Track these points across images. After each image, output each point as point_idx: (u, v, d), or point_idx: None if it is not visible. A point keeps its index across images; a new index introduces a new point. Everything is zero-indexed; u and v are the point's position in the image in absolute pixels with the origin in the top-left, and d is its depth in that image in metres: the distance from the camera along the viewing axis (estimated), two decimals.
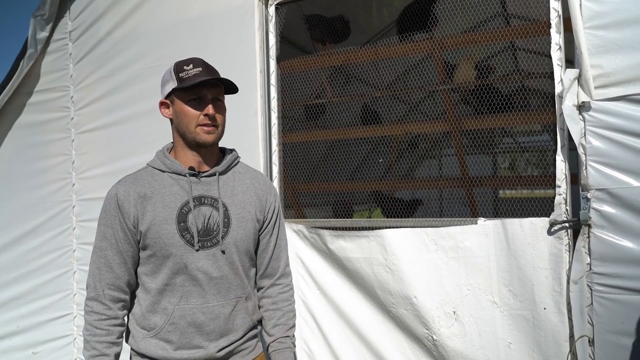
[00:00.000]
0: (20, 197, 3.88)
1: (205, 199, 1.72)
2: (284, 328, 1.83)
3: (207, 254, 1.69)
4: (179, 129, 1.72)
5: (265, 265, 1.85)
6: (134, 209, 1.67)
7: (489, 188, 6.26)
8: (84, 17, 3.69)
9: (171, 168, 1.73)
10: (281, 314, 1.84)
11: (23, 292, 3.83)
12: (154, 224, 1.66)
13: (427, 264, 2.67)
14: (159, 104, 1.76)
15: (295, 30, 3.91)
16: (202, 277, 1.68)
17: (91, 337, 1.65)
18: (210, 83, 1.69)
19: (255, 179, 1.86)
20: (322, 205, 4.65)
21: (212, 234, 1.70)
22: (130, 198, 1.68)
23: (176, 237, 1.66)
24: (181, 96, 1.69)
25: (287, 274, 1.91)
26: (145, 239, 1.67)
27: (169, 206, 1.68)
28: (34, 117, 3.89)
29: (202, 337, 1.69)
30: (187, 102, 1.68)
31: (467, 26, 3.65)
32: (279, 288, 1.87)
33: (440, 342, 2.63)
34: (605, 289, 2.22)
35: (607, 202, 2.22)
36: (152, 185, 1.71)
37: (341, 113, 4.28)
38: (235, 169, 1.83)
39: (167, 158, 1.75)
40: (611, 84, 2.23)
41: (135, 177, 1.74)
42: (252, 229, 1.78)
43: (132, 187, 1.70)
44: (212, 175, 1.75)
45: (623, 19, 2.20)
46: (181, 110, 1.69)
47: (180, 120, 1.70)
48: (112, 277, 1.68)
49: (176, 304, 1.67)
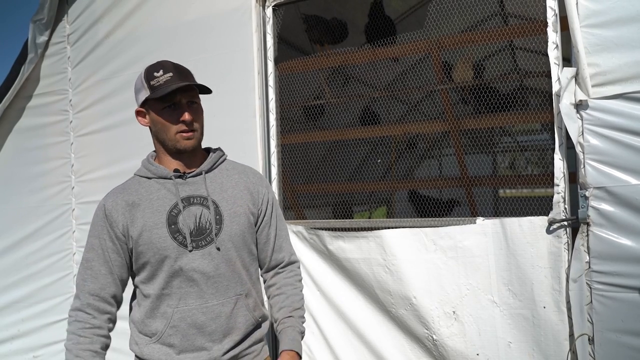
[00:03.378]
0: (20, 201, 3.89)
1: (194, 198, 1.71)
2: (287, 310, 1.79)
3: (202, 253, 1.67)
4: (158, 136, 1.72)
5: (269, 258, 1.84)
6: (123, 217, 1.66)
7: (489, 187, 6.25)
8: (81, 20, 3.69)
9: (156, 173, 1.72)
10: (284, 297, 1.81)
11: (23, 296, 3.84)
12: (145, 230, 1.65)
13: (426, 264, 2.67)
14: (135, 113, 1.74)
15: (293, 31, 3.91)
16: (199, 277, 1.66)
17: (74, 345, 1.60)
18: (184, 87, 1.65)
19: (244, 173, 1.84)
20: (322, 207, 4.65)
21: (205, 233, 1.68)
22: (119, 207, 1.68)
23: (168, 240, 1.65)
24: (155, 105, 1.67)
25: (292, 262, 1.89)
26: (138, 246, 1.65)
27: (158, 210, 1.67)
28: (33, 121, 3.90)
29: (205, 337, 1.66)
30: (162, 111, 1.66)
31: (465, 26, 3.65)
32: (284, 274, 1.86)
33: (441, 342, 2.63)
34: (605, 287, 2.22)
35: (606, 200, 2.22)
36: (139, 193, 1.70)
37: (340, 114, 4.28)
38: (222, 166, 1.82)
39: (152, 164, 1.74)
40: (608, 82, 2.23)
41: (123, 187, 1.74)
42: (246, 222, 1.76)
43: (120, 196, 1.70)
44: (199, 174, 1.74)
45: (619, 17, 2.20)
46: (157, 119, 1.68)
47: (158, 129, 1.69)
48: (97, 287, 1.65)
49: (175, 307, 1.66)
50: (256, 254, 1.84)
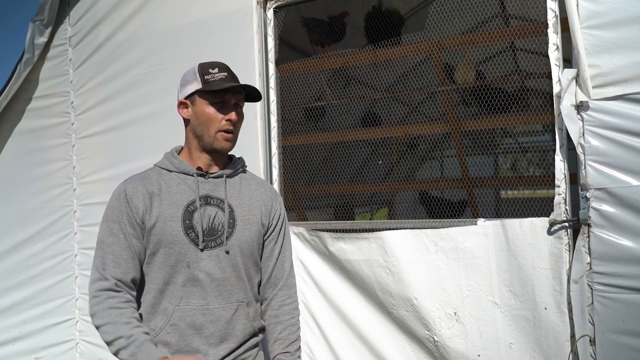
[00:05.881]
0: (22, 203, 3.89)
1: (212, 199, 1.71)
2: (283, 343, 1.76)
3: (211, 255, 1.67)
4: (196, 130, 1.71)
5: (269, 274, 1.82)
6: (142, 205, 1.66)
7: (490, 189, 6.24)
8: (83, 22, 3.70)
9: (179, 168, 1.73)
10: (282, 327, 1.78)
11: (25, 298, 3.84)
12: (159, 221, 1.65)
13: (427, 265, 2.67)
14: (177, 104, 1.74)
15: (294, 33, 3.92)
16: (204, 277, 1.66)
17: (118, 316, 1.54)
18: (234, 89, 1.69)
19: (261, 185, 1.86)
20: (324, 208, 4.66)
21: (217, 234, 1.69)
22: (139, 194, 1.67)
23: (181, 234, 1.65)
24: (206, 98, 1.68)
25: (290, 285, 1.84)
26: (150, 235, 1.65)
27: (175, 204, 1.68)
28: (35, 123, 3.90)
29: (201, 340, 1.66)
30: (210, 106, 1.68)
31: (467, 27, 3.65)
32: (281, 300, 1.81)
33: (442, 343, 2.63)
34: (606, 288, 2.22)
35: (607, 201, 2.22)
36: (159, 184, 1.71)
37: (341, 115, 4.28)
38: (242, 175, 1.83)
39: (176, 158, 1.75)
40: (609, 83, 2.22)
41: (143, 176, 1.74)
42: (257, 232, 1.76)
43: (141, 183, 1.70)
44: (220, 176, 1.75)
45: (620, 19, 2.20)
46: (203, 113, 1.68)
47: (201, 122, 1.69)
48: (120, 272, 1.61)
49: (176, 305, 1.66)
50: (259, 265, 1.82)
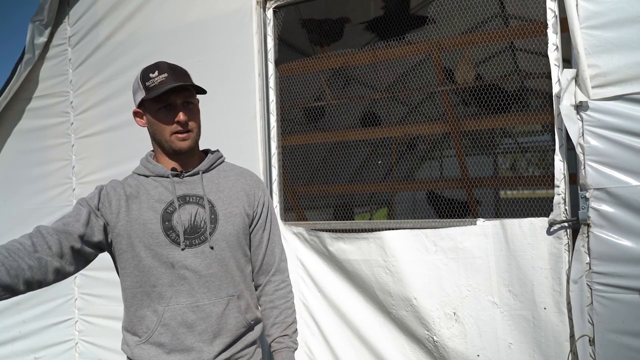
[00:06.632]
0: (21, 202, 3.89)
1: (190, 197, 1.71)
2: (281, 327, 1.81)
3: (195, 252, 1.67)
4: (154, 137, 1.73)
5: (260, 262, 1.84)
6: (117, 204, 1.68)
7: (490, 189, 6.25)
8: (83, 22, 3.70)
9: (154, 171, 1.74)
10: (278, 312, 1.82)
11: (24, 298, 3.83)
12: (138, 224, 1.65)
13: (426, 265, 2.67)
14: (132, 114, 1.76)
15: (294, 33, 3.92)
16: (191, 275, 1.66)
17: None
18: (179, 87, 1.65)
19: (241, 175, 1.85)
20: (323, 208, 4.65)
21: (200, 231, 1.69)
22: (117, 194, 1.70)
23: (161, 236, 1.65)
24: (151, 106, 1.68)
25: (282, 270, 1.88)
26: (130, 238, 1.65)
27: (153, 207, 1.68)
28: (34, 123, 3.90)
29: (194, 337, 1.65)
30: (157, 111, 1.67)
31: (466, 27, 3.65)
32: (274, 285, 1.85)
33: (441, 343, 2.63)
34: (605, 288, 2.22)
35: (606, 201, 2.22)
36: (137, 189, 1.72)
37: (341, 115, 4.29)
38: (219, 168, 1.83)
39: (150, 163, 1.76)
40: (608, 83, 2.23)
41: (123, 181, 1.77)
42: (241, 223, 1.76)
43: (120, 186, 1.73)
44: (196, 174, 1.76)
45: (619, 19, 2.20)
46: (153, 121, 1.69)
47: (154, 129, 1.70)
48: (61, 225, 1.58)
49: (166, 305, 1.65)
50: (250, 256, 1.83)
